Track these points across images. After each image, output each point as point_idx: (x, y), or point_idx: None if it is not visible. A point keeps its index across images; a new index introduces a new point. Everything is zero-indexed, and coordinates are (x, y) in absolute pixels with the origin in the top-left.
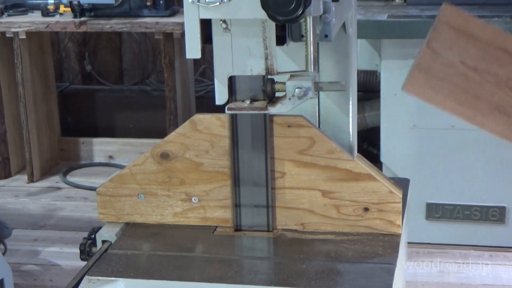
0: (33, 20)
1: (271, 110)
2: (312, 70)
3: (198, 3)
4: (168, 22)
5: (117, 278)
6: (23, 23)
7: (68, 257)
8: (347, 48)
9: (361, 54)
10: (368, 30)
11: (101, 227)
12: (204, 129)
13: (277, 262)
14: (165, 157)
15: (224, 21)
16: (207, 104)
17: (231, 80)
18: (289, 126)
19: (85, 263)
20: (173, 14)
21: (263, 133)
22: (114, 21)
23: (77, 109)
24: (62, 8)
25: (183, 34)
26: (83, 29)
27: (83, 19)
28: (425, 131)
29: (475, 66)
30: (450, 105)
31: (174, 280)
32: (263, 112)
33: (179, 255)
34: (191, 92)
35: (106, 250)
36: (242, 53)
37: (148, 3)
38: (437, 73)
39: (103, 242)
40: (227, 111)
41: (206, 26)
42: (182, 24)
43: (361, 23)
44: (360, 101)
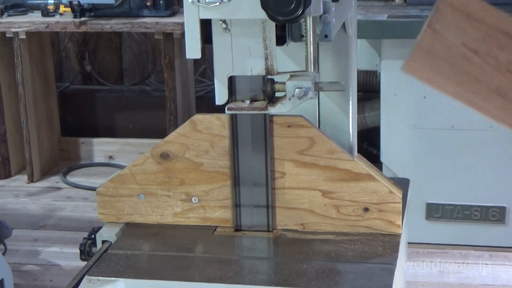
0: (33, 20)
1: (271, 110)
2: (312, 70)
3: (198, 3)
4: (168, 22)
5: (117, 278)
6: (23, 23)
7: (68, 257)
8: (347, 48)
9: (361, 54)
10: (368, 30)
11: (101, 227)
12: (204, 129)
13: (277, 262)
14: (165, 157)
15: (224, 21)
16: (207, 104)
17: (231, 80)
18: (289, 126)
19: (85, 263)
20: (173, 14)
21: (263, 133)
22: (114, 21)
23: (77, 109)
24: (62, 8)
25: (183, 34)
26: (83, 29)
27: (83, 19)
28: (425, 131)
29: (476, 49)
30: (449, 87)
31: (174, 280)
32: (263, 112)
33: (179, 255)
34: (191, 92)
35: (106, 250)
36: (242, 53)
37: (148, 3)
38: (438, 54)
39: (103, 242)
40: (227, 111)
41: (206, 26)
42: (182, 24)
43: (361, 23)
44: (360, 101)
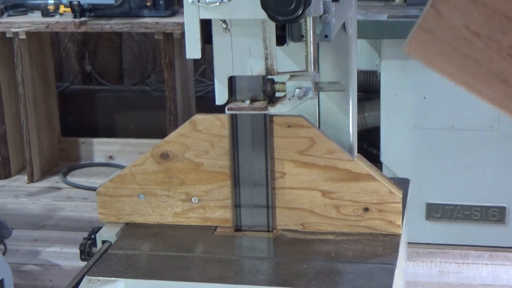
0: (33, 20)
1: (271, 110)
2: (312, 70)
3: (198, 3)
4: (168, 22)
5: (117, 278)
6: (23, 23)
7: (68, 257)
8: (347, 48)
9: (361, 54)
10: (368, 30)
11: (101, 227)
12: (204, 129)
13: (277, 262)
14: (165, 157)
15: (224, 21)
16: (207, 104)
17: (231, 80)
18: (289, 126)
19: (85, 263)
20: (173, 14)
21: (263, 133)
22: (114, 21)
23: (77, 109)
24: (62, 8)
25: (183, 34)
26: (83, 29)
27: (83, 19)
28: (425, 131)
29: (478, 32)
30: (450, 69)
31: (174, 280)
32: (263, 112)
33: (179, 255)
34: (191, 92)
35: (106, 250)
36: (242, 53)
37: (148, 3)
38: (439, 35)
39: (103, 242)
40: (227, 111)
41: (206, 26)
42: (182, 24)
43: (361, 23)
44: (360, 101)
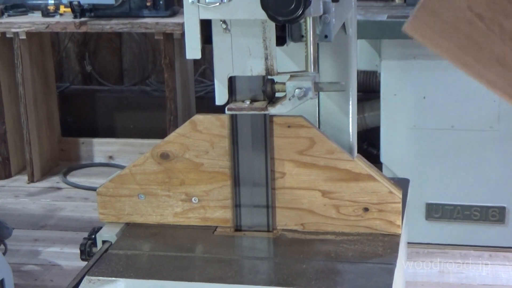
0: (33, 21)
1: (271, 111)
2: (312, 71)
3: (198, 3)
4: (168, 22)
5: (117, 278)
6: (23, 23)
7: (69, 257)
8: (347, 49)
9: (361, 55)
10: (368, 30)
11: (101, 227)
12: (204, 130)
13: (277, 262)
14: (165, 157)
15: (224, 22)
16: (207, 104)
17: (231, 81)
18: (289, 127)
19: (85, 263)
20: (173, 14)
21: (263, 133)
22: (114, 21)
23: (77, 109)
24: (62, 9)
25: (183, 35)
26: (83, 29)
27: (83, 19)
28: (425, 132)
29: (481, 14)
30: (451, 50)
31: (174, 280)
32: (263, 112)
33: (179, 255)
34: (191, 92)
35: (106, 250)
36: (242, 54)
37: (148, 4)
38: (442, 15)
39: (104, 242)
40: (227, 112)
41: (206, 26)
42: (182, 25)
43: (361, 24)
44: (360, 101)
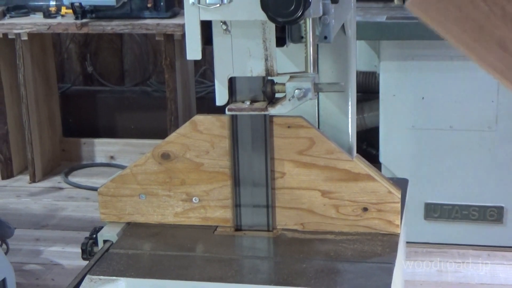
0: (35, 22)
1: (271, 111)
2: (312, 71)
3: (198, 4)
4: (168, 23)
5: (118, 277)
6: (25, 24)
7: (70, 256)
8: (346, 50)
9: (360, 56)
10: (367, 31)
11: (102, 227)
12: (204, 130)
13: (277, 262)
14: (166, 157)
15: (224, 23)
16: (207, 105)
17: (231, 81)
18: (288, 127)
19: (86, 262)
20: (173, 15)
21: (263, 133)
22: (115, 22)
23: (78, 110)
24: (63, 10)
25: (183, 36)
26: (84, 30)
27: (84, 20)
28: (423, 132)
29: None
30: (452, 30)
31: (175, 279)
32: (263, 113)
33: (179, 254)
34: (191, 93)
35: (107, 250)
36: (242, 55)
37: (149, 5)
38: None
39: (105, 241)
40: (227, 112)
41: (206, 27)
42: (183, 26)
43: (360, 25)
44: (359, 102)
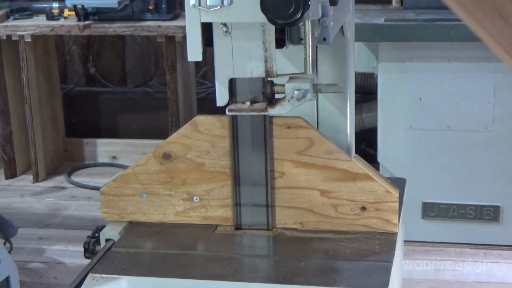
0: (38, 24)
1: (271, 112)
2: (311, 73)
3: (199, 7)
4: (170, 25)
5: (120, 276)
6: (28, 26)
7: (73, 255)
8: (345, 51)
9: (359, 57)
10: (365, 33)
11: (104, 226)
12: (205, 130)
13: (276, 260)
14: (167, 157)
15: (225, 25)
16: (208, 105)
17: (232, 82)
18: (288, 127)
19: (89, 261)
20: (175, 17)
21: (263, 134)
22: (117, 24)
23: (81, 110)
24: (66, 12)
25: (184, 37)
26: (87, 32)
27: (87, 22)
28: (421, 132)
29: None
30: None
31: (176, 277)
32: (262, 113)
33: (180, 253)
34: (192, 94)
35: (109, 248)
36: (242, 56)
37: (151, 7)
38: None
39: (107, 240)
40: (227, 113)
41: (207, 29)
42: (184, 28)
43: (358, 27)
44: (358, 102)
